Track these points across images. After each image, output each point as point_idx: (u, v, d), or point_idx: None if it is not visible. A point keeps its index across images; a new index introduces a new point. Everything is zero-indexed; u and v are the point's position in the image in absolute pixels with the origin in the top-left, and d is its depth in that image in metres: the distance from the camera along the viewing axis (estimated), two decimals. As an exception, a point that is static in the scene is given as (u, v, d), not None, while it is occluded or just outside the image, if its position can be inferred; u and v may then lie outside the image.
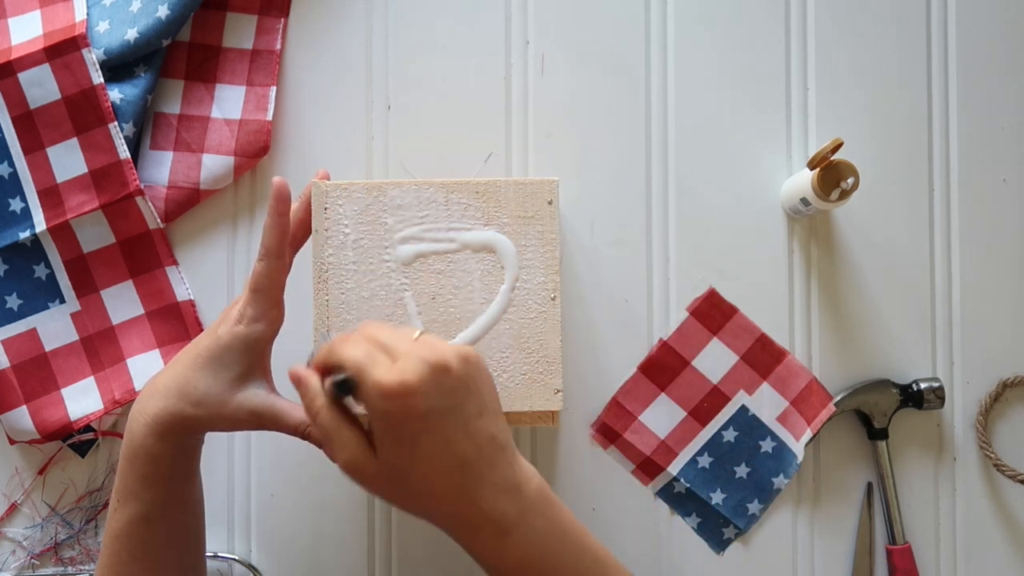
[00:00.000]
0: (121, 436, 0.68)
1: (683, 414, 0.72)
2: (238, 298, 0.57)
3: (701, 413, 0.72)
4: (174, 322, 0.71)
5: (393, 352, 0.47)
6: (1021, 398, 0.74)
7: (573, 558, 0.49)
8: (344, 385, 0.46)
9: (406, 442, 0.46)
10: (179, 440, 0.56)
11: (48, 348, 0.70)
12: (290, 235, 0.58)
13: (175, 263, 0.72)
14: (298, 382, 0.50)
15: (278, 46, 0.73)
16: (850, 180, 0.65)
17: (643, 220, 0.73)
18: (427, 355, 0.46)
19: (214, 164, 0.71)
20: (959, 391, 0.73)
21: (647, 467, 0.72)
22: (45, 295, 0.70)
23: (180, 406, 0.55)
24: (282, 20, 0.73)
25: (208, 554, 0.70)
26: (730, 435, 0.72)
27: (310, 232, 0.60)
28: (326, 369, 0.50)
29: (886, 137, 0.74)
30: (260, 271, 0.56)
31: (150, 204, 0.70)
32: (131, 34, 0.68)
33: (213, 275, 0.72)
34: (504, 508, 0.47)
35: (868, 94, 0.74)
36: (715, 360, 0.72)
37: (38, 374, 0.69)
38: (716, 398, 0.72)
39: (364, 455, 0.47)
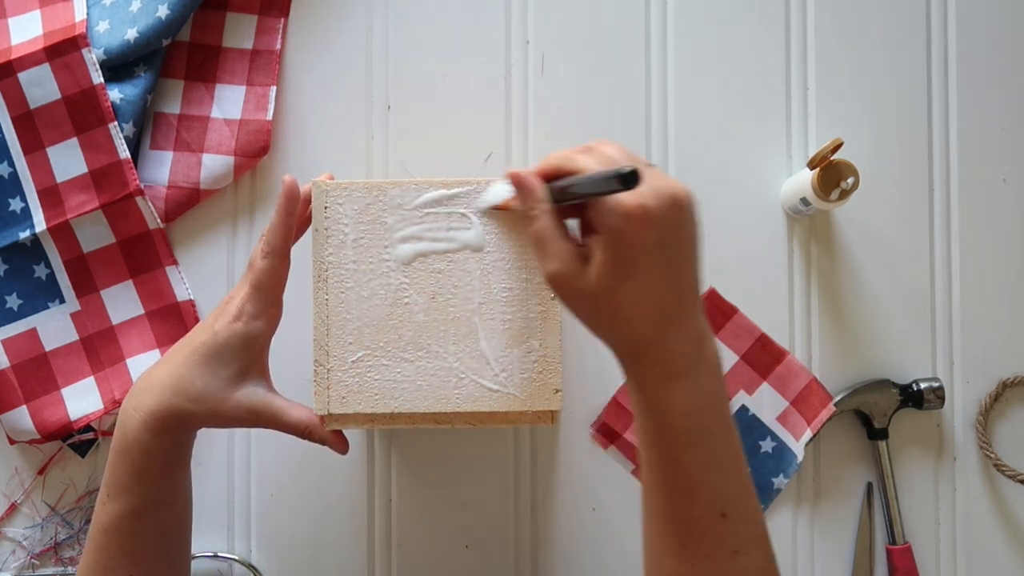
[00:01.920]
0: (121, 436, 0.68)
1: (683, 414, 0.72)
2: (233, 292, 0.57)
3: (701, 413, 0.72)
4: (174, 322, 0.71)
5: None
6: (1021, 398, 0.74)
7: (725, 427, 0.49)
8: (631, 177, 0.43)
9: (625, 265, 0.46)
10: (174, 436, 0.56)
11: (48, 348, 0.70)
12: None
13: (175, 263, 0.72)
14: (520, 183, 0.49)
15: (278, 46, 0.73)
16: (850, 180, 0.65)
17: (643, 220, 0.73)
18: (663, 186, 0.46)
19: (214, 164, 0.71)
20: (959, 391, 0.73)
21: (647, 467, 0.72)
22: (45, 295, 0.70)
23: (177, 402, 0.55)
24: (282, 20, 0.73)
25: (208, 554, 0.71)
26: (730, 435, 0.72)
27: (306, 229, 0.60)
28: (554, 175, 0.49)
29: (886, 137, 0.74)
30: (263, 269, 0.56)
31: (150, 204, 0.70)
32: (131, 34, 0.68)
33: (213, 275, 0.72)
34: (684, 352, 0.47)
35: (868, 94, 0.74)
36: (715, 360, 0.72)
37: (38, 374, 0.69)
38: (716, 398, 0.72)
39: (575, 268, 0.47)
